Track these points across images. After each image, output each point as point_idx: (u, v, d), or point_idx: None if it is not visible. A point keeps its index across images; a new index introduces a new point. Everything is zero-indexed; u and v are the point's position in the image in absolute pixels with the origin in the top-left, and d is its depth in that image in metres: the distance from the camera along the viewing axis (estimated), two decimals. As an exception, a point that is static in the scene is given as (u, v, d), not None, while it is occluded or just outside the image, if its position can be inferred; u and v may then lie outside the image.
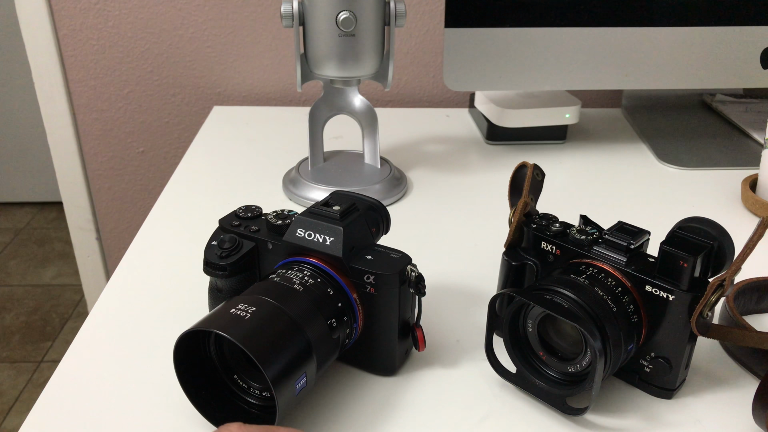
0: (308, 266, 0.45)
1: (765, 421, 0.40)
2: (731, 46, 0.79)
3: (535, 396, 0.45)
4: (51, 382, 0.47)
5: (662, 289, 0.42)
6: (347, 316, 0.44)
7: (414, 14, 0.99)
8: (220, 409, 0.42)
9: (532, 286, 0.45)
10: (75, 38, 1.00)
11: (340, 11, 0.64)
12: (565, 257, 0.47)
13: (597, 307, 0.42)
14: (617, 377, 0.47)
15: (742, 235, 0.45)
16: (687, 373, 0.46)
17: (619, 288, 0.43)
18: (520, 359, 0.45)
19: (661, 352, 0.44)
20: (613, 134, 0.91)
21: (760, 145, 0.85)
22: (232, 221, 0.51)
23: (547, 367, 0.44)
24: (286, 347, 0.39)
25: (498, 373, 0.46)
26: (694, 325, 0.41)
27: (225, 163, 0.82)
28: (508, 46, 0.78)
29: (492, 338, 0.46)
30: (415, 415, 0.44)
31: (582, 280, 0.43)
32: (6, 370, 1.65)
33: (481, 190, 0.76)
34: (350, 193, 0.49)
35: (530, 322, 0.44)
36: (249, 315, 0.40)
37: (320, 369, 0.42)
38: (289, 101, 1.05)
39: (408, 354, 0.49)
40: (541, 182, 0.52)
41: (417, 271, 0.45)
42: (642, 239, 0.45)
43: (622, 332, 0.42)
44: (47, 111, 1.04)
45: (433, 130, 0.93)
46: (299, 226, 0.46)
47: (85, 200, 1.10)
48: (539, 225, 0.48)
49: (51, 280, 1.98)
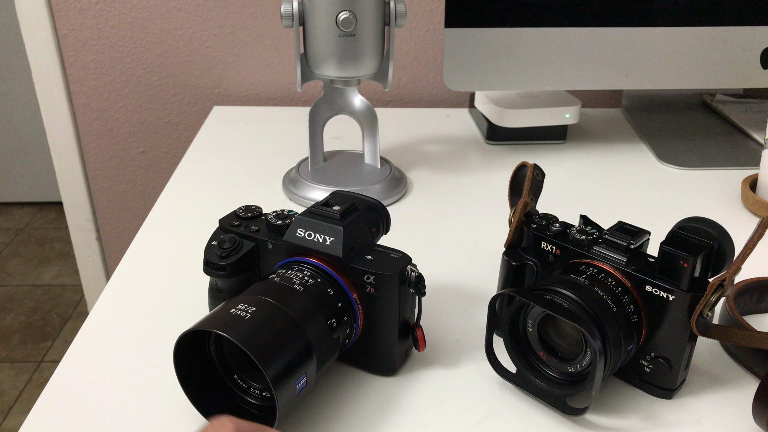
0: (308, 266, 0.45)
1: (765, 421, 0.40)
2: (731, 46, 0.79)
3: (535, 396, 0.45)
4: (51, 382, 0.47)
5: (662, 289, 0.42)
6: (347, 316, 0.44)
7: (414, 14, 0.99)
8: (219, 409, 0.42)
9: (531, 286, 0.45)
10: (75, 38, 1.00)
11: (340, 11, 0.64)
12: (565, 257, 0.47)
13: (597, 307, 0.42)
14: (617, 377, 0.47)
15: (742, 235, 0.45)
16: (687, 374, 0.46)
17: (619, 288, 0.43)
18: (520, 359, 0.45)
19: (661, 352, 0.44)
20: (613, 134, 0.91)
21: (760, 145, 0.85)
22: (232, 221, 0.51)
23: (547, 367, 0.44)
24: (286, 347, 0.39)
25: (498, 372, 0.46)
26: (694, 325, 0.41)
27: (225, 163, 0.82)
28: (508, 46, 0.78)
29: (492, 338, 0.46)
30: (415, 415, 0.44)
31: (582, 280, 0.43)
32: (6, 370, 1.65)
33: (481, 190, 0.76)
34: (350, 193, 0.49)
35: (530, 322, 0.44)
36: (249, 315, 0.40)
37: (320, 369, 0.42)
38: (289, 101, 1.05)
39: (408, 354, 0.49)
40: (541, 182, 0.52)
41: (417, 271, 0.45)
42: (642, 239, 0.45)
43: (622, 332, 0.42)
44: (47, 111, 1.04)
45: (433, 130, 0.93)
46: (299, 226, 0.46)
47: (85, 200, 1.10)
48: (539, 225, 0.48)
49: (51, 280, 1.98)
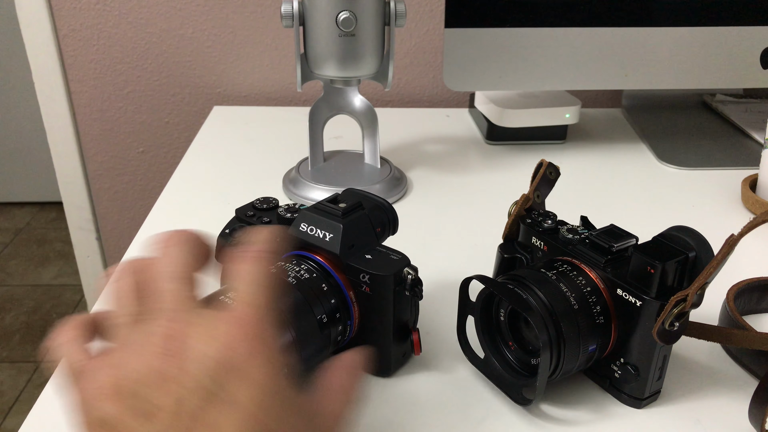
0: (307, 261, 0.45)
1: (762, 422, 0.40)
2: (731, 46, 0.79)
3: (495, 382, 0.46)
4: (51, 382, 0.47)
5: (631, 294, 0.42)
6: (340, 313, 0.44)
7: (414, 14, 0.99)
8: None
9: (503, 276, 0.45)
10: (75, 38, 1.00)
11: (340, 11, 0.64)
12: (552, 254, 0.47)
13: (556, 301, 0.42)
14: (591, 380, 0.47)
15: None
16: (661, 385, 0.45)
17: (588, 287, 0.43)
18: (488, 344, 0.46)
19: (630, 359, 0.44)
20: (613, 134, 0.91)
21: (760, 145, 0.85)
22: (247, 211, 0.51)
23: (513, 356, 0.46)
24: None
25: (466, 356, 0.48)
26: (655, 332, 0.41)
27: (225, 163, 0.82)
28: (508, 46, 0.78)
29: (465, 321, 0.47)
30: (414, 415, 0.44)
31: (550, 274, 0.44)
32: (6, 370, 1.65)
33: (481, 190, 0.76)
34: (362, 192, 0.49)
35: (502, 311, 0.45)
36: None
37: (307, 363, 0.42)
38: (289, 101, 1.05)
39: (407, 357, 0.49)
40: (554, 181, 0.52)
41: (414, 274, 0.44)
42: (626, 243, 0.44)
43: (581, 330, 0.42)
44: (47, 111, 1.04)
45: (433, 130, 0.93)
46: (303, 220, 0.46)
47: (85, 200, 1.10)
48: (534, 221, 0.49)
49: (51, 280, 1.99)
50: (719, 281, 0.49)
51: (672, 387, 0.47)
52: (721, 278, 0.47)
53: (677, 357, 0.49)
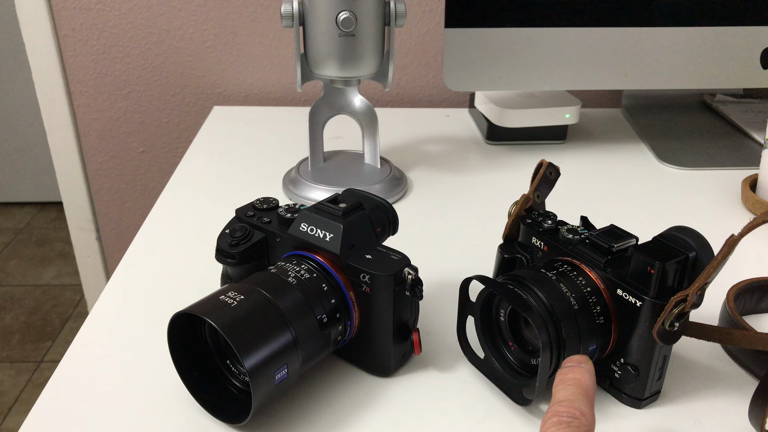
0: (307, 261, 0.45)
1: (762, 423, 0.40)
2: (731, 46, 0.79)
3: (495, 383, 0.46)
4: (51, 382, 0.47)
5: (632, 294, 0.42)
6: (340, 313, 0.44)
7: (414, 14, 0.99)
8: (210, 391, 0.43)
9: (503, 276, 0.45)
10: (75, 38, 1.00)
11: (340, 11, 0.64)
12: (552, 254, 0.47)
13: (556, 302, 0.42)
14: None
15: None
16: (661, 385, 0.45)
17: (588, 288, 0.43)
18: (488, 344, 0.46)
19: (630, 359, 0.44)
20: (613, 134, 0.91)
21: (760, 145, 0.85)
22: (247, 211, 0.51)
23: (513, 356, 0.45)
24: (267, 336, 0.40)
25: (466, 356, 0.47)
26: (655, 333, 0.41)
27: (225, 163, 0.82)
28: (508, 46, 0.78)
29: (465, 321, 0.47)
30: (414, 416, 0.44)
31: (550, 275, 0.44)
32: (6, 370, 1.65)
33: (481, 190, 0.76)
34: (362, 192, 0.49)
35: (502, 312, 0.45)
36: (236, 303, 0.41)
37: (307, 363, 0.42)
38: (289, 101, 1.05)
39: (407, 357, 0.49)
40: (554, 181, 0.52)
41: (414, 274, 0.44)
42: (626, 243, 0.44)
43: (581, 331, 0.42)
44: (47, 111, 1.04)
45: (433, 130, 0.93)
46: (303, 220, 0.46)
47: (85, 200, 1.11)
48: (534, 221, 0.49)
49: (51, 280, 1.99)
50: (719, 281, 0.49)
51: (672, 387, 0.47)
52: (721, 278, 0.47)
53: (677, 357, 0.49)
